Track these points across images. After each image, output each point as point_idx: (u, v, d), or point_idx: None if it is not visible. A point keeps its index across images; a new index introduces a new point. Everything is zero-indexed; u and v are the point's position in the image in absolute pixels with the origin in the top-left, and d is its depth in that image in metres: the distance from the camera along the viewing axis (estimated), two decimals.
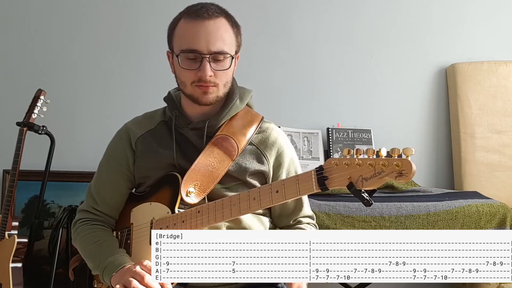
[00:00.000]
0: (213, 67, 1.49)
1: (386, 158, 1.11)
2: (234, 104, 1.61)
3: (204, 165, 1.54)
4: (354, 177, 1.15)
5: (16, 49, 2.89)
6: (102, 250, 1.56)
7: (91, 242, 1.59)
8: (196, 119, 1.60)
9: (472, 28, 3.06)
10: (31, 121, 2.39)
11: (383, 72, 3.04)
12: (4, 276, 2.31)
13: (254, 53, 2.89)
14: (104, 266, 1.50)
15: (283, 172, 1.63)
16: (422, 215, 2.33)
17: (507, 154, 2.92)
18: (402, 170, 1.08)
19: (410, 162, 1.08)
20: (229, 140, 1.58)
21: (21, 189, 2.72)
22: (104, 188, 1.66)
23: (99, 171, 1.70)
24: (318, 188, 1.22)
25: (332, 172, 1.19)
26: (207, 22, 1.48)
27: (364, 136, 2.90)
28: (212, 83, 1.51)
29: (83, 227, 1.65)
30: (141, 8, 2.95)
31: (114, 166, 1.66)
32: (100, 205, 1.66)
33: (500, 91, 2.96)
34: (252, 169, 1.58)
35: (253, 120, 1.64)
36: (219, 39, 1.49)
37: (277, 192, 1.29)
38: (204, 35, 1.48)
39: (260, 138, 1.63)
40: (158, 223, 1.53)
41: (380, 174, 1.10)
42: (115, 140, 1.69)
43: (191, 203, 1.50)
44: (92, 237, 1.60)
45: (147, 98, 2.28)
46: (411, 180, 2.70)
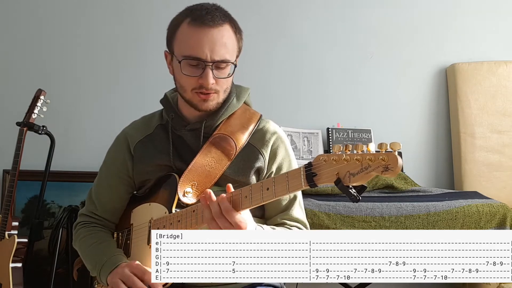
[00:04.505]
0: (215, 74, 1.48)
1: (372, 153, 1.09)
2: (231, 103, 1.60)
3: (202, 165, 1.53)
4: (341, 172, 1.13)
5: (16, 49, 2.89)
6: (99, 251, 1.57)
7: (89, 243, 1.61)
8: (193, 120, 1.59)
9: (472, 28, 3.07)
10: (31, 121, 2.39)
11: (383, 72, 3.04)
12: (4, 276, 2.31)
13: (254, 53, 2.89)
14: (101, 266, 1.51)
15: (274, 165, 1.59)
16: (422, 215, 2.33)
17: (507, 154, 2.92)
18: (388, 165, 1.06)
19: (396, 156, 1.06)
20: (227, 139, 1.57)
21: (21, 189, 2.72)
22: (103, 193, 1.67)
23: (99, 176, 1.71)
24: (306, 184, 1.20)
25: (320, 168, 1.17)
26: (212, 30, 1.47)
27: (364, 136, 2.90)
28: (213, 90, 1.50)
29: (82, 229, 1.66)
30: (141, 9, 2.95)
31: (113, 172, 1.67)
32: (99, 210, 1.68)
33: (500, 91, 2.96)
34: (249, 169, 1.57)
35: (252, 118, 1.62)
36: (223, 48, 1.47)
37: (267, 189, 1.28)
38: (208, 44, 1.46)
39: (257, 136, 1.61)
40: (156, 223, 1.53)
41: (367, 169, 1.09)
42: (114, 146, 1.70)
43: (189, 203, 1.50)
44: (90, 238, 1.62)
45: (147, 98, 2.28)
46: (411, 180, 2.70)
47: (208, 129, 1.58)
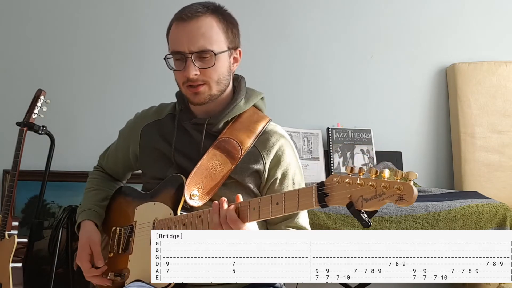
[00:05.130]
0: (199, 65, 1.52)
1: (388, 180, 1.08)
2: (237, 105, 1.62)
3: (207, 168, 1.55)
4: (354, 196, 1.12)
5: (16, 49, 2.89)
6: (86, 197, 1.79)
7: (86, 187, 1.83)
8: (199, 115, 1.64)
9: (472, 28, 3.06)
10: (31, 121, 2.38)
11: (383, 72, 3.04)
12: (4, 276, 2.31)
13: (254, 53, 2.89)
14: (78, 214, 1.74)
15: (279, 171, 1.60)
16: (422, 215, 2.33)
17: (507, 154, 2.92)
18: (403, 194, 1.06)
19: (412, 187, 1.06)
20: (232, 143, 1.58)
21: (21, 189, 2.71)
22: (110, 159, 1.86)
23: (115, 142, 1.87)
24: (317, 204, 1.19)
25: (333, 190, 1.17)
26: (188, 23, 1.52)
27: (364, 136, 2.90)
28: (201, 81, 1.54)
29: (92, 172, 1.90)
30: (142, 9, 2.95)
31: (120, 144, 1.82)
32: (105, 167, 1.89)
33: (500, 91, 2.96)
34: (248, 170, 1.58)
35: (259, 121, 1.63)
36: (201, 38, 1.51)
37: (277, 204, 1.28)
38: (185, 36, 1.52)
39: (262, 139, 1.61)
40: (160, 224, 1.54)
41: (381, 196, 1.08)
42: (130, 122, 1.81)
43: (195, 206, 1.51)
44: (88, 183, 1.84)
45: (147, 98, 2.28)
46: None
47: (211, 127, 1.60)
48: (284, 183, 1.61)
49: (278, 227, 1.59)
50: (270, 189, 1.60)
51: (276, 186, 1.60)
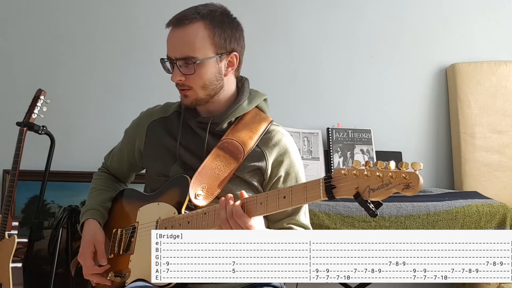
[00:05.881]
0: (184, 71, 1.57)
1: (394, 170, 1.12)
2: (241, 106, 1.64)
3: (211, 168, 1.57)
4: (361, 187, 1.15)
5: (16, 49, 2.89)
6: (90, 197, 1.79)
7: (90, 187, 1.85)
8: (203, 115, 1.67)
9: (472, 28, 3.06)
10: (31, 121, 2.38)
11: (383, 72, 3.04)
12: (4, 276, 2.31)
13: (254, 53, 2.88)
14: (83, 213, 1.74)
15: (282, 169, 1.62)
16: (422, 215, 2.33)
17: (507, 154, 2.92)
18: (409, 183, 1.10)
19: (418, 176, 1.10)
20: (235, 144, 1.61)
21: (21, 189, 2.71)
22: (115, 159, 1.87)
23: (120, 142, 1.87)
24: (325, 196, 1.22)
25: (340, 181, 1.19)
26: (175, 30, 1.57)
27: (364, 136, 2.90)
28: (186, 86, 1.58)
29: (97, 172, 1.90)
30: (142, 9, 2.95)
31: (126, 141, 1.82)
32: (110, 167, 1.89)
33: (500, 91, 2.96)
34: (251, 168, 1.60)
35: (261, 122, 1.66)
36: (184, 45, 1.55)
37: (284, 198, 1.30)
38: (171, 43, 1.58)
39: (264, 139, 1.64)
40: (163, 223, 1.55)
41: (388, 185, 1.12)
42: (136, 120, 1.82)
43: (200, 205, 1.52)
44: (92, 183, 1.85)
45: (147, 98, 2.28)
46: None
47: (215, 126, 1.63)
48: (287, 182, 1.63)
49: (279, 224, 1.61)
50: (274, 187, 1.63)
51: (280, 184, 1.63)
